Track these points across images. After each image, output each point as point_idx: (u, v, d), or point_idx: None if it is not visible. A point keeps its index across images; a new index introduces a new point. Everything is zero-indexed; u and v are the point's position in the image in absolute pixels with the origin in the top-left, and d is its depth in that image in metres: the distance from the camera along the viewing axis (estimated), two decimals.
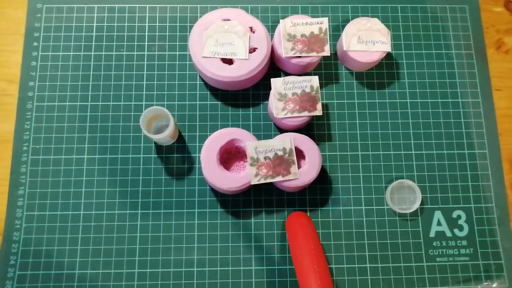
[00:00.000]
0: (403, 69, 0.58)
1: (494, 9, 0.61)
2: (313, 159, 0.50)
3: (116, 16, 0.58)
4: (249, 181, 0.48)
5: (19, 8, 0.59)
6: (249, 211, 0.53)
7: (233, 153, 0.53)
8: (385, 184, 0.54)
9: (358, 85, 0.57)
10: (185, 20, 0.59)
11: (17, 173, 0.53)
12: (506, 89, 0.59)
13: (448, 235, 0.53)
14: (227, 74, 0.51)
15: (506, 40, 0.60)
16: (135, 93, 0.56)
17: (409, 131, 0.56)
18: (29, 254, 0.51)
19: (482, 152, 0.56)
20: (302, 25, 0.53)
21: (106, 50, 0.57)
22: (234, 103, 0.56)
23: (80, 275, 0.51)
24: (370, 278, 0.52)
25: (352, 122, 0.56)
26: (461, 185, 0.55)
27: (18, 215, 0.52)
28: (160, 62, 0.57)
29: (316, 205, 0.54)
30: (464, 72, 0.58)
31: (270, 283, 0.51)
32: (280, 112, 0.51)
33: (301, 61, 0.53)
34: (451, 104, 0.57)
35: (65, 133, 0.54)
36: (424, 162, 0.55)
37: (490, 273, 0.52)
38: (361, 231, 0.53)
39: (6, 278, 0.50)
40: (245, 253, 0.52)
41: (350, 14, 0.60)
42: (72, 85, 0.56)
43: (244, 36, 0.52)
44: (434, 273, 0.52)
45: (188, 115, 0.55)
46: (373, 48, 0.54)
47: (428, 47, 0.59)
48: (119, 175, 0.53)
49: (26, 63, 0.56)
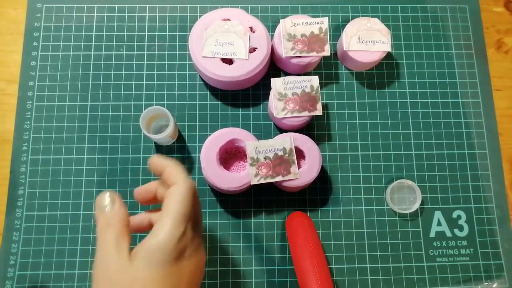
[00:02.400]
0: (403, 69, 0.58)
1: (494, 9, 0.61)
2: (313, 159, 0.50)
3: (116, 16, 0.58)
4: (249, 181, 0.48)
5: (19, 8, 0.59)
6: (249, 211, 0.53)
7: (233, 153, 0.53)
8: (385, 184, 0.54)
9: (358, 85, 0.57)
10: (185, 20, 0.59)
11: (17, 173, 0.53)
12: (506, 89, 0.59)
13: (448, 235, 0.53)
14: (227, 74, 0.51)
15: (506, 40, 0.60)
16: (134, 93, 0.56)
17: (409, 131, 0.56)
18: (29, 254, 0.51)
19: (482, 152, 0.56)
20: (302, 25, 0.52)
21: (105, 50, 0.57)
22: (234, 103, 0.56)
23: (80, 275, 0.50)
24: (370, 278, 0.52)
25: (352, 122, 0.56)
26: (461, 185, 0.55)
27: (18, 215, 0.52)
28: (160, 62, 0.57)
29: (316, 205, 0.53)
30: (464, 72, 0.58)
31: (270, 283, 0.51)
32: (280, 112, 0.51)
33: (301, 61, 0.53)
34: (451, 104, 0.57)
35: (65, 133, 0.54)
36: (424, 162, 0.55)
37: (490, 273, 0.52)
38: (361, 231, 0.53)
39: (6, 278, 0.50)
40: (245, 253, 0.52)
41: (350, 14, 0.60)
42: (72, 85, 0.56)
43: (244, 36, 0.52)
44: (434, 273, 0.52)
45: (188, 115, 0.55)
46: (373, 48, 0.54)
47: (428, 47, 0.59)
48: (119, 175, 0.53)
49: (26, 62, 0.56)
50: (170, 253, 0.33)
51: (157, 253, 0.32)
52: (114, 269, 0.33)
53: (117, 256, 0.33)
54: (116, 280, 0.32)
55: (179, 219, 0.34)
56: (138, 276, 0.32)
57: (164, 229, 0.33)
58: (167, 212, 0.34)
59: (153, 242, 0.33)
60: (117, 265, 0.33)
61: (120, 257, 0.33)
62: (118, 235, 0.34)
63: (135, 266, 0.32)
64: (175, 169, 0.36)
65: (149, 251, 0.33)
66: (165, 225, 0.33)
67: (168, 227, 0.33)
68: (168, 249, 0.33)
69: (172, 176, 0.36)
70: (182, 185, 0.35)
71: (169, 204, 0.34)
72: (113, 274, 0.33)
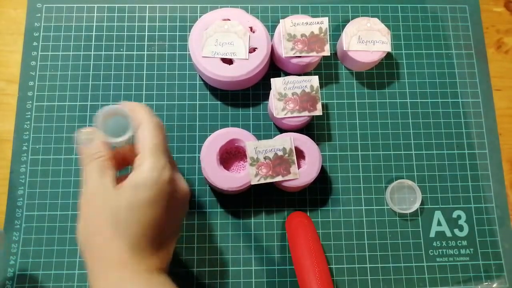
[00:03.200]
0: (403, 69, 0.58)
1: (494, 9, 0.61)
2: (313, 159, 0.50)
3: (116, 16, 0.58)
4: (249, 181, 0.48)
5: (19, 8, 0.59)
6: (249, 211, 0.53)
7: (233, 153, 0.53)
8: (385, 184, 0.54)
9: (358, 85, 0.57)
10: (185, 20, 0.59)
11: (17, 173, 0.53)
12: (506, 89, 0.59)
13: (448, 235, 0.53)
14: (227, 74, 0.51)
15: (506, 40, 0.60)
16: (134, 93, 0.56)
17: (409, 131, 0.56)
18: (29, 254, 0.51)
19: (482, 152, 0.56)
20: (302, 25, 0.52)
21: (105, 50, 0.57)
22: (234, 103, 0.56)
23: (80, 275, 0.50)
24: (370, 278, 0.52)
25: (352, 122, 0.56)
26: (461, 185, 0.55)
27: (18, 215, 0.52)
28: (160, 62, 0.57)
29: (316, 205, 0.53)
30: (464, 72, 0.58)
31: (270, 283, 0.51)
32: (280, 112, 0.51)
33: (301, 61, 0.53)
34: (451, 104, 0.57)
35: (65, 133, 0.54)
36: (424, 162, 0.55)
37: (490, 273, 0.52)
38: (361, 231, 0.53)
39: (6, 278, 0.50)
40: (245, 253, 0.52)
41: (350, 14, 0.60)
42: (72, 85, 0.56)
43: (244, 36, 0.52)
44: (434, 273, 0.52)
45: (188, 115, 0.55)
46: (373, 48, 0.54)
47: (428, 47, 0.59)
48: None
49: (26, 62, 0.56)
50: (155, 183, 0.34)
51: (142, 185, 0.34)
52: (100, 197, 0.35)
53: (102, 185, 0.35)
54: (102, 206, 0.34)
55: (157, 151, 0.35)
56: (124, 203, 0.34)
57: (146, 161, 0.35)
58: (144, 148, 0.36)
59: (138, 175, 0.34)
60: (103, 193, 0.34)
61: (105, 186, 0.35)
62: (102, 166, 0.36)
63: (121, 194, 0.34)
64: (139, 111, 0.37)
65: (135, 183, 0.34)
66: (146, 157, 0.35)
67: (149, 159, 0.35)
68: (153, 179, 0.34)
69: (137, 118, 0.37)
70: (150, 123, 0.36)
71: (144, 142, 0.36)
72: (99, 201, 0.34)
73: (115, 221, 0.34)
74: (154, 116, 0.38)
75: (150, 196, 0.34)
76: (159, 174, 0.35)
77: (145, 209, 0.34)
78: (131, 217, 0.34)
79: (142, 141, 0.36)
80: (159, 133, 0.36)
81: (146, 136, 0.36)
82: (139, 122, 0.37)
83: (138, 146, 0.36)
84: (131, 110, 0.37)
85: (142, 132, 0.36)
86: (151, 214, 0.34)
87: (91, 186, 0.35)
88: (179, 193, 0.38)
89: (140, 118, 0.37)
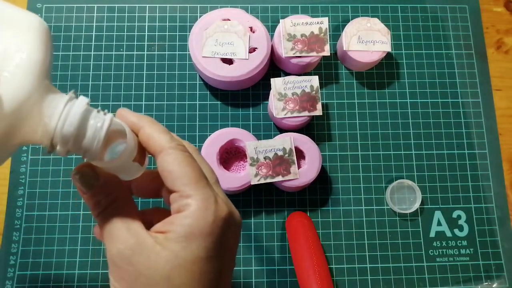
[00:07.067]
0: (403, 69, 0.58)
1: (494, 9, 0.61)
2: (313, 159, 0.50)
3: (116, 16, 0.58)
4: (249, 181, 0.48)
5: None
6: (249, 211, 0.53)
7: (233, 153, 0.53)
8: (385, 184, 0.54)
9: (358, 85, 0.57)
10: (185, 20, 0.59)
11: (17, 173, 0.53)
12: (506, 89, 0.59)
13: (448, 235, 0.53)
14: (227, 74, 0.51)
15: (506, 40, 0.60)
16: (134, 93, 0.56)
17: (409, 131, 0.56)
18: (29, 254, 0.51)
19: (482, 152, 0.56)
20: (302, 25, 0.52)
21: (105, 50, 0.57)
22: (234, 103, 0.56)
23: (80, 275, 0.50)
24: (370, 278, 0.52)
25: (352, 122, 0.56)
26: (461, 185, 0.55)
27: (17, 215, 0.52)
28: (159, 62, 0.57)
29: (316, 205, 0.53)
30: (464, 72, 0.58)
31: (270, 283, 0.51)
32: (280, 112, 0.51)
33: (301, 61, 0.53)
34: (451, 104, 0.57)
35: None
36: (424, 162, 0.55)
37: (490, 273, 0.52)
38: (361, 231, 0.53)
39: (6, 278, 0.50)
40: (245, 253, 0.52)
41: (350, 14, 0.60)
42: (72, 85, 0.56)
43: (244, 36, 0.52)
44: (434, 273, 0.52)
45: (188, 115, 0.55)
46: (373, 48, 0.54)
47: (428, 47, 0.59)
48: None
49: None
50: (209, 224, 0.25)
51: (199, 235, 0.25)
52: (140, 261, 0.24)
53: (138, 245, 0.25)
54: (146, 273, 0.24)
55: (199, 180, 0.26)
56: (178, 262, 0.25)
57: (191, 200, 0.25)
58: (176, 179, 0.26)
59: (187, 221, 0.25)
60: (140, 254, 0.25)
61: (142, 244, 0.25)
62: (123, 214, 0.26)
63: (170, 250, 0.25)
64: (153, 131, 0.27)
65: (189, 232, 0.25)
66: (189, 193, 0.25)
67: (196, 196, 0.25)
68: (206, 220, 0.25)
69: (152, 142, 0.27)
70: (171, 152, 0.26)
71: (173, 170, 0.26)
72: (139, 266, 0.25)
73: None
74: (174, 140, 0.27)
75: (208, 246, 0.25)
76: (214, 213, 0.26)
77: (205, 265, 0.25)
78: (191, 279, 0.25)
79: (171, 168, 0.26)
80: (188, 160, 0.26)
81: (172, 162, 0.26)
82: (154, 150, 0.27)
83: (165, 175, 0.26)
84: (141, 129, 0.27)
85: (166, 157, 0.26)
86: (213, 268, 0.26)
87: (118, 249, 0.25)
88: (234, 225, 0.28)
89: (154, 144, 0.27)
